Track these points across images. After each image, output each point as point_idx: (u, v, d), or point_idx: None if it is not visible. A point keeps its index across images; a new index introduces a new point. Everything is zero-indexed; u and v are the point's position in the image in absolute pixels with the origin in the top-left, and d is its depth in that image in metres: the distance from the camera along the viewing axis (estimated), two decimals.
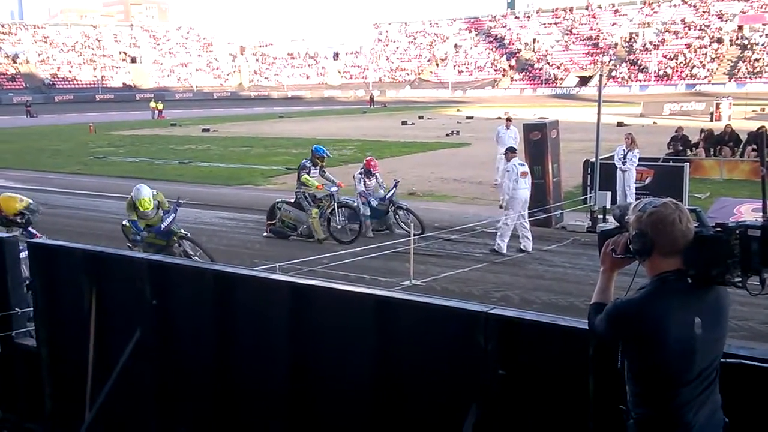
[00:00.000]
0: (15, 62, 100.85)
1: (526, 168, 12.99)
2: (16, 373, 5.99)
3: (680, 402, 2.71)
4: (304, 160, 13.94)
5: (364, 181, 14.03)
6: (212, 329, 4.80)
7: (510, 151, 13.25)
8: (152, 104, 64.83)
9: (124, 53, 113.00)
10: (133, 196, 10.74)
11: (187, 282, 5.09)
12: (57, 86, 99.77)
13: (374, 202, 13.89)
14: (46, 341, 5.76)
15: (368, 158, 14.78)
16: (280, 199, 14.21)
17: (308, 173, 13.59)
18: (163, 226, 10.86)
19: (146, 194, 10.72)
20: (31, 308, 5.86)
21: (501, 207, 13.33)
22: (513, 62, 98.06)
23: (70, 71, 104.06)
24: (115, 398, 5.21)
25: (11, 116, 61.54)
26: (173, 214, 10.97)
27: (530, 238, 12.56)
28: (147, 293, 5.06)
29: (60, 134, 44.07)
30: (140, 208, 10.63)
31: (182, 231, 11.21)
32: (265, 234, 14.06)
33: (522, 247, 12.38)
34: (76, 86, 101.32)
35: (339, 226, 13.52)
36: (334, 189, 13.47)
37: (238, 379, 4.77)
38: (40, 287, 5.75)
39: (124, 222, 11.43)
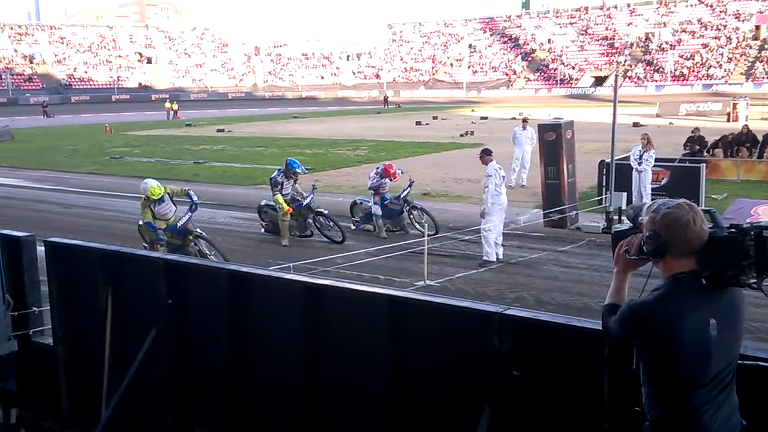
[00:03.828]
0: (32, 63, 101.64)
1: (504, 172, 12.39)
2: (33, 371, 6.04)
3: (696, 404, 2.69)
4: (275, 174, 13.62)
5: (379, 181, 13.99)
6: (227, 328, 4.83)
7: (486, 154, 12.18)
8: (167, 105, 65.18)
9: (140, 54, 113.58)
10: (143, 190, 10.98)
11: (202, 281, 5.12)
12: (73, 87, 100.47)
13: (387, 200, 13.86)
14: (63, 340, 5.81)
15: (388, 164, 14.43)
16: (264, 201, 14.30)
17: (281, 188, 13.39)
18: (179, 225, 10.98)
19: (153, 182, 10.99)
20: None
21: (482, 216, 11.97)
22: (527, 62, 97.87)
23: (86, 72, 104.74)
24: (130, 397, 5.24)
25: (28, 116, 62.11)
26: (189, 213, 11.10)
27: (501, 244, 12.04)
28: (162, 292, 5.09)
29: (76, 134, 44.39)
30: (152, 196, 10.81)
31: (198, 230, 11.31)
32: (262, 231, 14.22)
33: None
34: (92, 87, 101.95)
35: (326, 230, 13.50)
36: (307, 201, 13.38)
37: (252, 378, 4.79)
38: (56, 286, 5.80)
39: (140, 222, 11.52)
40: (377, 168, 14.39)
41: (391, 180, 14.06)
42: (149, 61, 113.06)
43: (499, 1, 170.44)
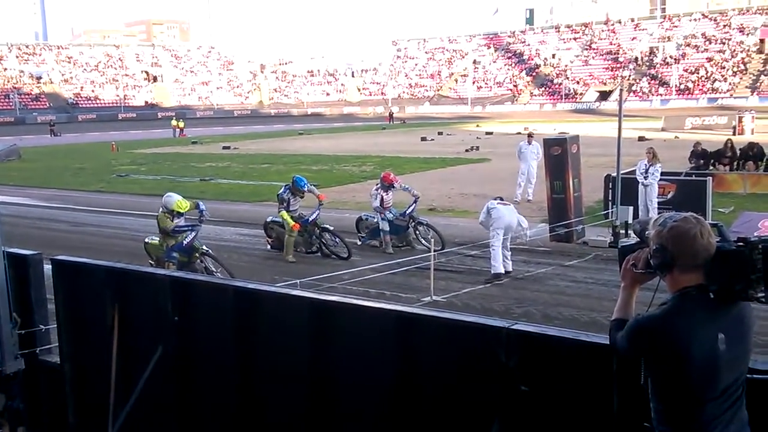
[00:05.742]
0: (39, 82, 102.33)
1: (501, 197, 12.56)
2: (40, 389, 6.04)
3: (705, 419, 2.67)
4: (282, 191, 13.68)
5: (382, 197, 13.96)
6: (233, 345, 4.82)
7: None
8: (174, 122, 65.54)
9: (146, 72, 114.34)
10: (167, 204, 10.90)
11: (209, 298, 5.12)
12: (80, 105, 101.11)
13: (391, 216, 13.85)
14: (70, 358, 5.81)
15: (385, 173, 14.55)
16: (270, 218, 14.33)
17: (288, 205, 13.44)
18: (185, 243, 10.98)
19: (177, 196, 11.00)
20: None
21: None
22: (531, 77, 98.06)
23: (93, 90, 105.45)
24: (137, 414, 5.23)
25: (35, 135, 62.42)
26: (196, 231, 11.10)
27: (510, 259, 12.13)
28: (169, 310, 5.09)
29: (83, 153, 44.61)
30: (179, 209, 10.79)
31: (204, 247, 11.31)
32: (268, 248, 14.25)
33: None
34: (99, 105, 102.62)
35: (332, 247, 13.52)
36: (313, 217, 13.44)
37: (259, 395, 4.77)
38: (63, 304, 5.81)
39: (146, 239, 11.54)
40: (377, 185, 14.34)
41: (393, 187, 14.05)
42: (155, 79, 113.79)
43: (503, 16, 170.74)
